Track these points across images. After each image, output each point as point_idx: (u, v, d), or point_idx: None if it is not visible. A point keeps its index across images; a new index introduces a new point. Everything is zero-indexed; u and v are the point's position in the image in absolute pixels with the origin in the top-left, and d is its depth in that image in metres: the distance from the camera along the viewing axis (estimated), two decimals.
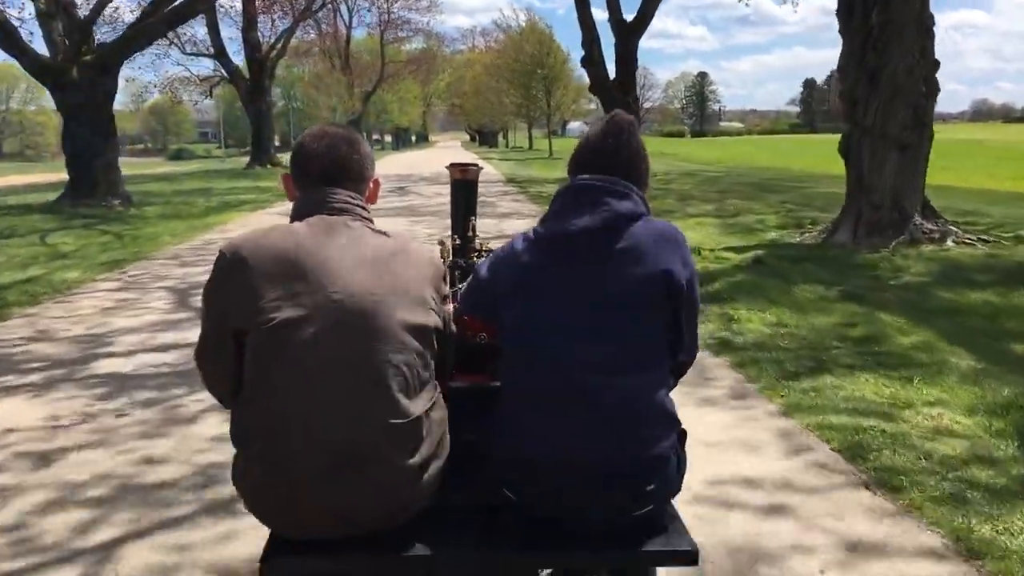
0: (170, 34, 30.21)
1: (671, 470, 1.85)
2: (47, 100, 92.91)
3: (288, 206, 1.94)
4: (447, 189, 2.71)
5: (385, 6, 56.25)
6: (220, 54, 29.73)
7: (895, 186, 9.39)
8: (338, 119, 51.23)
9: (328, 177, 1.86)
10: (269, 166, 30.37)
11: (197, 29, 30.36)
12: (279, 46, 31.29)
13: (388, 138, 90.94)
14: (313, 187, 1.86)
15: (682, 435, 1.93)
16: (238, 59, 30.96)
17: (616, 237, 1.82)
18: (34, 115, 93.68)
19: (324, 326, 1.67)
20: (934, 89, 9.42)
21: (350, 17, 57.34)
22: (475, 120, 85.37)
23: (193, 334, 2.66)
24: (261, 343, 1.69)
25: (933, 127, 9.62)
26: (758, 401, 4.37)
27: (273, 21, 31.75)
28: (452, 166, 2.62)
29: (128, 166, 56.72)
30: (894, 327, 5.77)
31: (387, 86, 63.99)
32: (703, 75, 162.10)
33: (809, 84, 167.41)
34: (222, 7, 31.61)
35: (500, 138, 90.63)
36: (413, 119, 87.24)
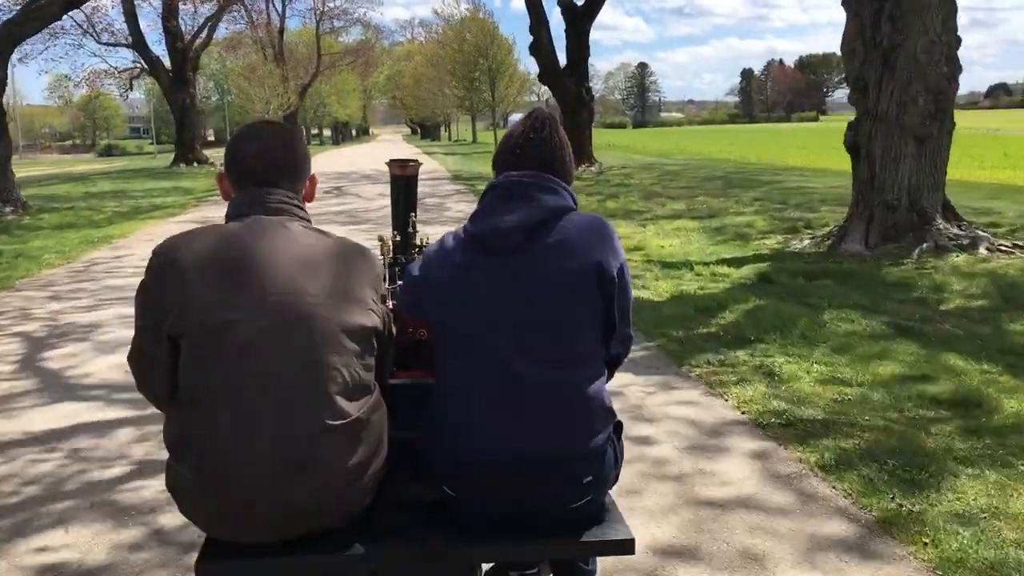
0: (83, 23, 27.94)
1: (608, 462, 1.85)
2: None
3: (199, 213, 1.61)
4: (389, 189, 2.60)
5: None
6: (138, 44, 27.29)
7: (913, 184, 8.03)
8: (272, 113, 48.86)
9: (263, 176, 1.81)
10: (195, 164, 28.17)
11: (114, 18, 27.91)
12: (203, 35, 28.96)
13: (327, 132, 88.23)
14: (248, 186, 1.81)
15: (618, 427, 1.93)
16: (160, 50, 28.63)
17: (546, 232, 1.84)
18: None
19: (261, 328, 1.64)
20: (956, 70, 8.07)
21: (283, 6, 54.93)
22: (416, 113, 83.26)
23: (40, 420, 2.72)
24: (196, 345, 1.66)
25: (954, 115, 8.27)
26: (897, 553, 2.80)
27: (196, 8, 29.44)
28: (392, 162, 2.57)
29: (51, 163, 54.28)
30: (985, 379, 4.34)
31: (324, 78, 61.60)
32: (643, 66, 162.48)
33: (747, 74, 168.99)
34: None
35: (443, 131, 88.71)
36: (352, 112, 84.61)
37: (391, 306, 2.02)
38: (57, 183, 23.95)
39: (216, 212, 14.22)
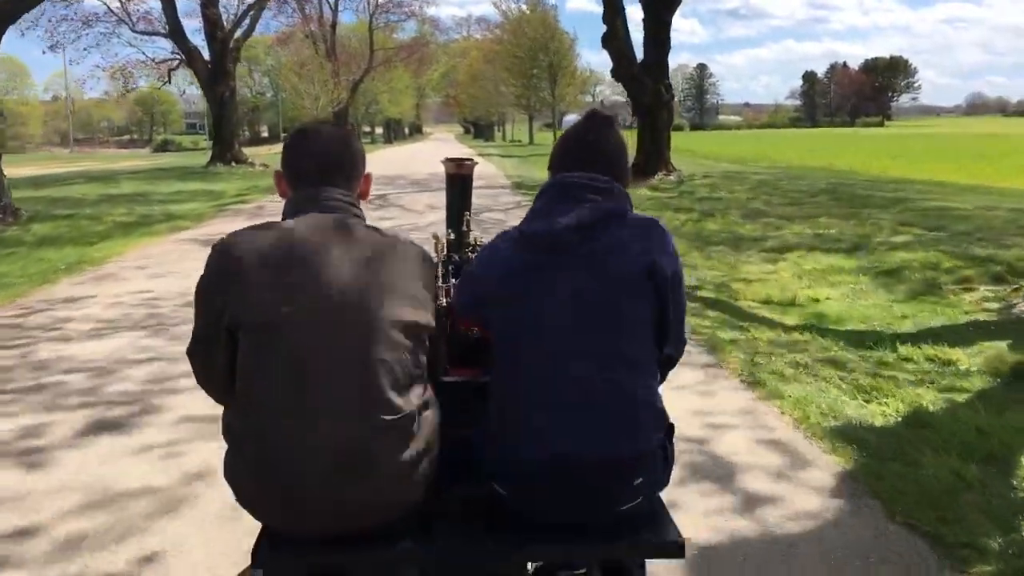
0: (118, 9, 26.04)
1: (659, 464, 1.85)
2: (31, 88, 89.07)
3: (212, 227, 1.77)
4: (443, 199, 2.58)
5: None
6: (175, 33, 25.23)
7: None
8: (321, 109, 47.01)
9: (319, 175, 1.84)
10: (233, 164, 26.03)
11: (152, 5, 25.98)
12: (245, 24, 26.80)
13: (379, 130, 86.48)
14: (305, 185, 1.85)
15: (670, 429, 1.93)
16: (199, 40, 26.55)
17: (601, 233, 1.83)
18: (15, 104, 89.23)
19: (316, 323, 1.67)
20: None
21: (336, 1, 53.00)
22: (470, 112, 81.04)
23: None
24: (253, 340, 1.69)
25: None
26: None
27: None
28: (447, 160, 2.59)
29: (100, 159, 53.21)
30: None
31: (377, 75, 59.62)
32: (702, 67, 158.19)
33: (809, 77, 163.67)
34: None
35: (497, 131, 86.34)
36: (405, 110, 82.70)
37: (445, 304, 2.05)
38: (80, 182, 21.97)
39: (232, 224, 11.92)
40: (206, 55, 26.08)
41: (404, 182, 20.30)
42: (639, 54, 19.55)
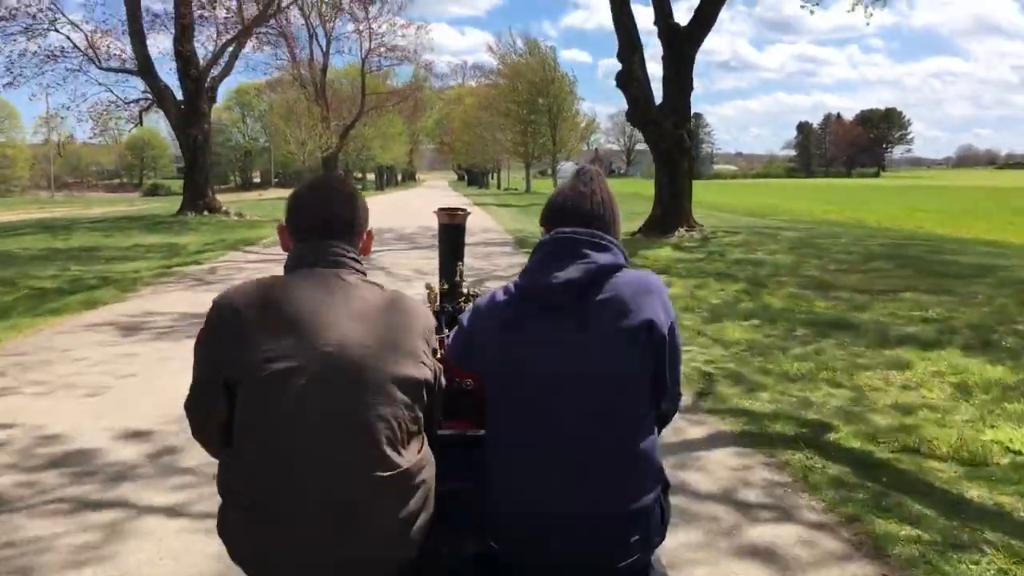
0: (85, 46, 23.89)
1: (655, 520, 1.85)
2: (19, 130, 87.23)
3: (144, 302, 3.87)
4: (435, 260, 2.63)
5: (366, 29, 50.26)
6: (145, 70, 23.10)
7: None
8: (308, 155, 45.11)
9: (322, 229, 1.85)
10: (206, 212, 23.71)
11: (125, 42, 23.82)
12: (222, 61, 24.65)
13: (371, 176, 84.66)
14: (307, 239, 1.85)
15: (666, 486, 1.92)
16: (174, 78, 24.39)
17: (597, 288, 1.84)
18: (2, 146, 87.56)
19: (314, 378, 1.67)
20: None
21: (327, 42, 51.31)
22: (464, 159, 79.33)
23: None
24: (251, 394, 1.68)
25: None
26: None
27: (218, 32, 25.20)
28: (440, 211, 2.59)
29: (84, 203, 50.89)
30: None
31: (368, 120, 57.83)
32: (698, 116, 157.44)
33: (804, 128, 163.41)
34: (154, 14, 25.35)
35: (491, 178, 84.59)
36: (397, 156, 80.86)
37: (440, 356, 2.01)
38: (31, 232, 19.58)
39: (162, 300, 9.52)
40: (180, 95, 23.87)
41: (391, 236, 17.94)
42: (656, 95, 17.43)
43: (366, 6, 48.42)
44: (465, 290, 2.58)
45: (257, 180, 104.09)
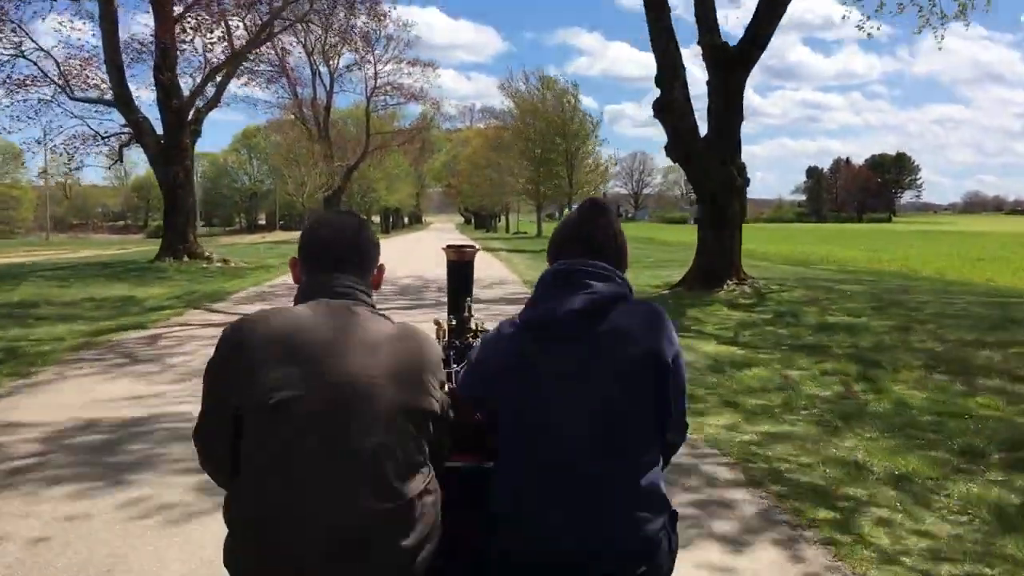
0: (56, 74, 21.62)
1: (663, 551, 1.83)
2: (24, 171, 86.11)
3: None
4: (438, 318, 2.69)
5: (371, 67, 48.36)
6: (122, 100, 20.82)
7: None
8: (307, 197, 42.93)
9: (333, 263, 1.87)
10: (186, 258, 21.21)
11: (102, 71, 21.54)
12: (208, 92, 22.33)
13: (377, 219, 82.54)
14: (318, 271, 1.87)
15: (673, 516, 1.91)
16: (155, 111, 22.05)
17: (601, 319, 1.84)
18: (7, 188, 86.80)
19: (321, 408, 1.67)
20: None
21: (331, 81, 49.42)
22: (471, 201, 77.20)
23: None
24: (259, 423, 1.68)
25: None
26: None
27: (205, 60, 22.92)
28: (449, 248, 2.66)
29: (77, 245, 48.59)
30: None
31: (373, 161, 55.77)
32: None
33: (814, 173, 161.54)
34: (139, 43, 23.13)
35: (499, 221, 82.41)
36: (403, 199, 78.78)
37: (448, 390, 2.01)
38: None
39: (53, 405, 6.86)
40: (161, 128, 21.53)
41: (391, 290, 15.34)
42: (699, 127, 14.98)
43: (369, 43, 46.69)
44: (473, 326, 2.61)
45: (262, 222, 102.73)
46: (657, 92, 14.80)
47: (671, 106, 14.64)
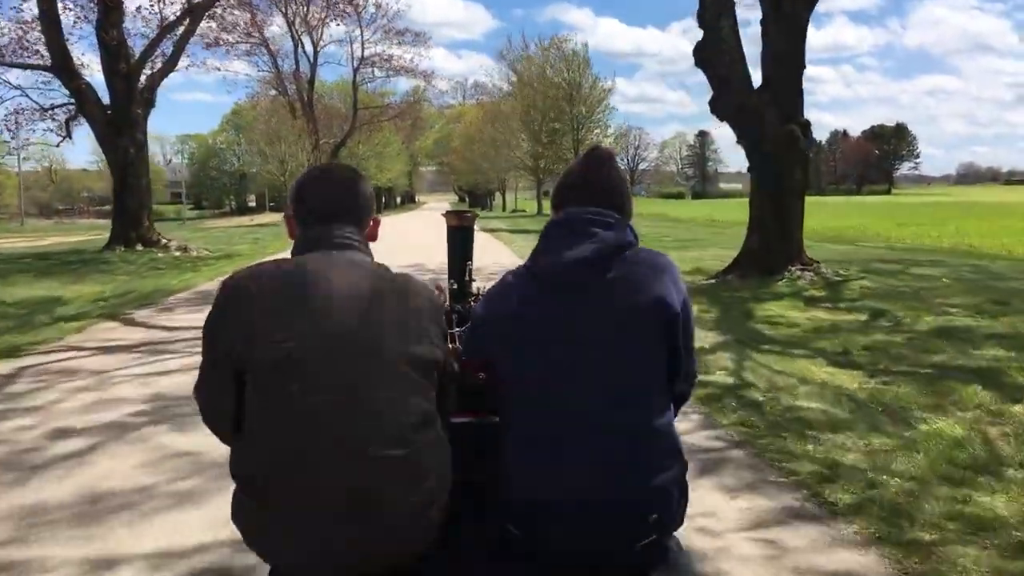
0: None
1: (674, 500, 1.83)
2: (6, 157, 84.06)
3: None
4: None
5: (358, 37, 45.23)
6: (60, 63, 17.83)
7: None
8: (288, 176, 39.89)
9: (328, 214, 1.85)
10: (139, 246, 18.32)
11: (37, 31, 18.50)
12: (160, 54, 19.25)
13: None
14: (313, 224, 1.85)
15: (684, 466, 1.88)
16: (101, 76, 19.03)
17: (608, 267, 1.84)
18: None
19: (324, 359, 1.65)
20: None
21: (315, 52, 46.22)
22: (466, 179, 74.07)
23: None
24: (261, 376, 1.67)
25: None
26: None
27: (162, 16, 19.81)
28: (449, 213, 2.67)
29: (52, 231, 45.62)
30: None
31: (362, 138, 52.70)
32: (703, 134, 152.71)
33: (806, 147, 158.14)
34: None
35: (496, 198, 79.35)
36: (395, 178, 75.57)
37: (453, 348, 2.01)
38: None
39: None
40: (108, 97, 18.54)
41: None
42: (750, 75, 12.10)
43: (357, 11, 43.53)
44: (475, 290, 2.62)
45: (253, 204, 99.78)
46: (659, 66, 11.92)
47: (718, 49, 11.75)
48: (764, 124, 11.78)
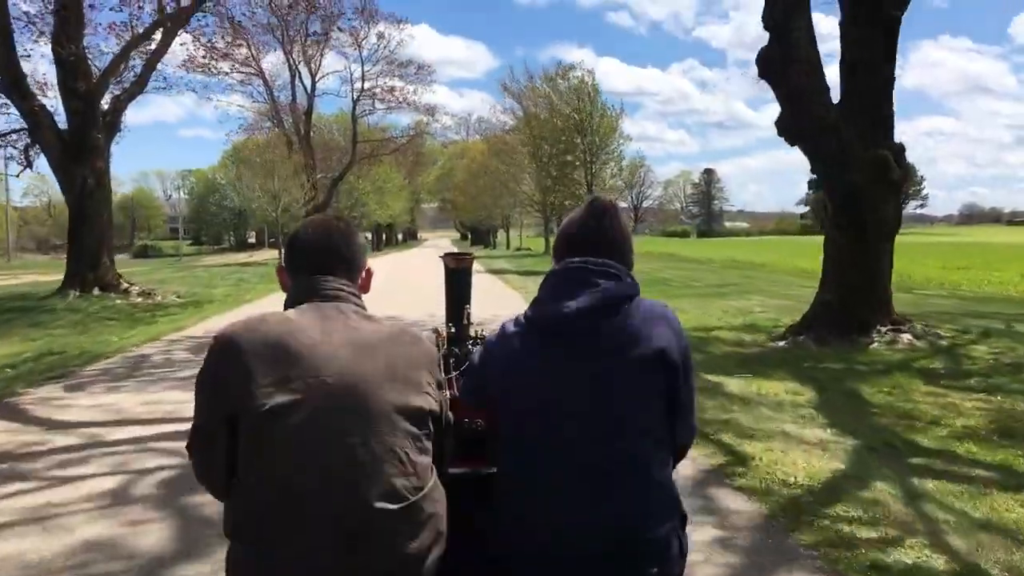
0: None
1: (673, 553, 1.78)
2: (2, 193, 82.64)
3: None
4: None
5: (358, 64, 43.35)
6: (10, 82, 15.57)
7: None
8: (280, 211, 37.65)
9: (320, 265, 1.83)
10: (96, 290, 15.91)
11: None
12: (123, 71, 16.98)
13: (369, 235, 77.17)
14: (305, 275, 1.83)
15: (683, 518, 1.85)
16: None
17: (609, 318, 1.80)
18: None
19: (316, 410, 1.62)
20: None
21: (312, 83, 44.28)
22: (469, 215, 71.89)
23: None
24: (254, 429, 1.62)
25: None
26: None
27: (132, 24, 17.58)
28: (447, 255, 2.63)
29: (36, 267, 43.48)
30: None
31: (361, 172, 50.63)
32: (709, 172, 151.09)
33: (816, 184, 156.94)
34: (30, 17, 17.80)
35: (496, 236, 77.15)
36: (397, 214, 73.43)
37: (448, 396, 1.95)
38: None
39: None
40: (66, 121, 16.27)
41: None
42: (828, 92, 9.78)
43: (358, 41, 41.67)
44: (473, 333, 2.57)
45: (252, 240, 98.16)
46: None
47: (790, 57, 9.44)
48: (845, 147, 9.44)
